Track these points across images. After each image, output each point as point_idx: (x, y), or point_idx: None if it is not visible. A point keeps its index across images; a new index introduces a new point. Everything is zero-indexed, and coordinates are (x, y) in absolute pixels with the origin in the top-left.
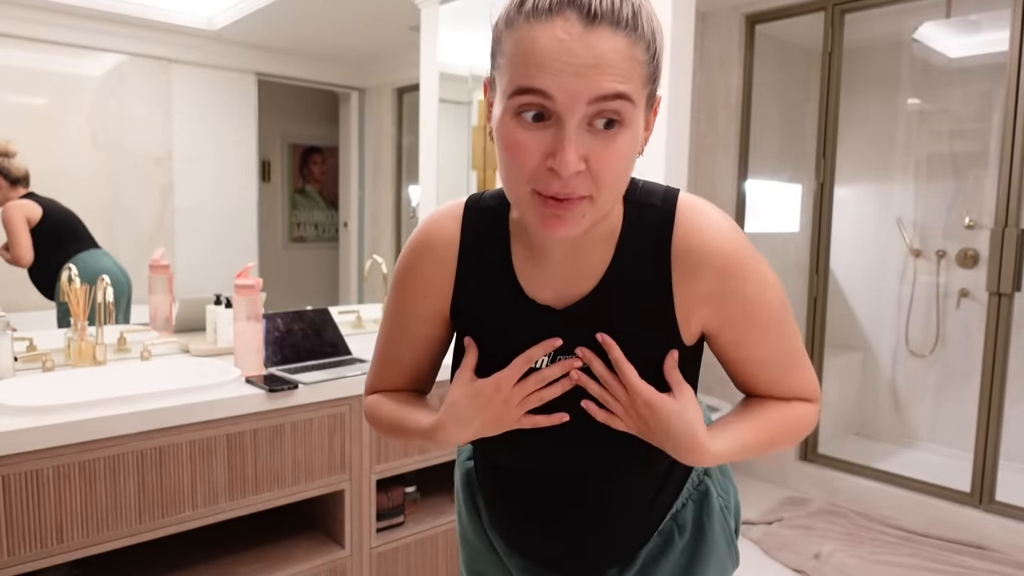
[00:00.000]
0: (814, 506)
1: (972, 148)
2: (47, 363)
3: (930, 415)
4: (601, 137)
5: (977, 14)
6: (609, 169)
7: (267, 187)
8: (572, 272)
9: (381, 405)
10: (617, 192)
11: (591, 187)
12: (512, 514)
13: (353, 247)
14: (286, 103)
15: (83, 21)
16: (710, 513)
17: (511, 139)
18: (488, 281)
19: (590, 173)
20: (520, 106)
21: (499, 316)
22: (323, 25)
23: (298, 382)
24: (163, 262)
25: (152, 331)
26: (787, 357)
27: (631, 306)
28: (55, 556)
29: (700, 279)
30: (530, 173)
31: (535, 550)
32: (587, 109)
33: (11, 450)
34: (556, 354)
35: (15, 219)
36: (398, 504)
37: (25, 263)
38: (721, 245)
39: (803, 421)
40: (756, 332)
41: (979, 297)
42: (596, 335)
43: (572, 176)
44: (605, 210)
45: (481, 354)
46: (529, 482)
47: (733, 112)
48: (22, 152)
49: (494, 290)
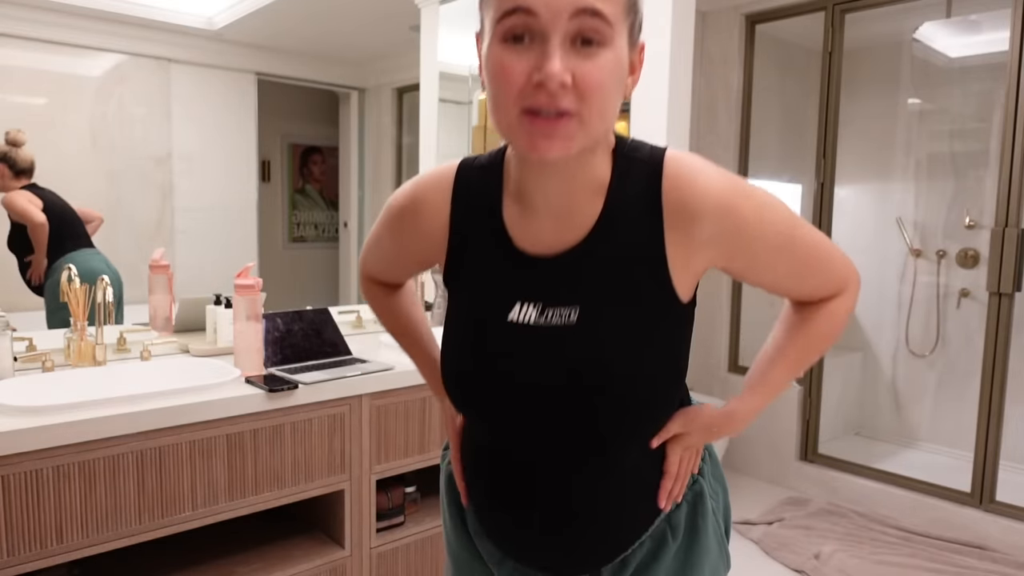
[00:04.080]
0: (814, 506)
1: (972, 148)
2: (47, 363)
3: (930, 415)
4: (584, 54)
5: (977, 14)
6: (593, 83)
7: (267, 187)
8: (562, 225)
9: (386, 314)
10: (603, 113)
11: (577, 103)
12: (502, 503)
13: (353, 247)
14: (286, 103)
15: (83, 21)
16: (704, 515)
17: (499, 63)
18: (478, 233)
19: (575, 88)
20: (506, 30)
21: (487, 267)
22: (323, 25)
23: (298, 382)
24: (163, 262)
25: (152, 331)
26: (803, 265)
27: (621, 257)
28: (55, 556)
29: (698, 226)
30: (518, 91)
31: (524, 546)
32: (568, 25)
33: (11, 450)
34: (545, 307)
35: (19, 201)
36: (398, 504)
37: (45, 225)
38: (711, 190)
39: (831, 323)
40: (764, 255)
41: (979, 297)
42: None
43: (558, 88)
44: (592, 133)
45: (466, 307)
46: (518, 469)
47: (733, 112)
48: (21, 151)
49: (484, 242)
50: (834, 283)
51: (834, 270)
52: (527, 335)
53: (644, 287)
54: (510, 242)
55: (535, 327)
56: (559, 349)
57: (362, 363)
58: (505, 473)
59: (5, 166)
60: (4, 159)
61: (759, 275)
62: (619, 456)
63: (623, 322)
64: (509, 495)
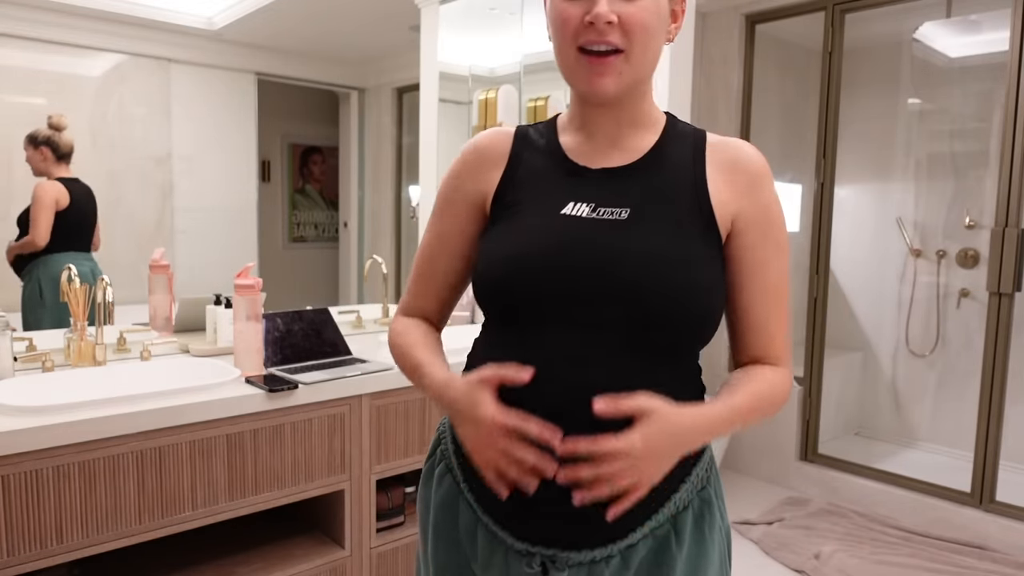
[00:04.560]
0: (814, 506)
1: (972, 148)
2: (47, 363)
3: (930, 415)
4: None
5: (977, 14)
6: (636, 22)
7: (267, 187)
8: (617, 148)
9: (407, 334)
10: (645, 48)
11: (623, 40)
12: None
13: (353, 247)
14: (286, 103)
15: (83, 21)
16: (712, 525)
17: (558, 12)
18: (535, 155)
19: (620, 27)
20: None
21: (542, 179)
22: (323, 25)
23: (298, 382)
24: (163, 262)
25: (152, 331)
26: (779, 295)
27: (668, 177)
28: (55, 556)
29: (735, 173)
30: (572, 32)
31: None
32: None
33: (11, 450)
34: (597, 206)
35: (45, 201)
36: (398, 504)
37: (39, 246)
38: (755, 156)
39: (777, 393)
40: (770, 247)
41: (979, 297)
42: (594, 403)
43: (605, 26)
44: (637, 68)
45: (516, 215)
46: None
47: (733, 112)
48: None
49: (540, 161)
50: (782, 344)
51: (783, 332)
52: (579, 225)
53: (686, 202)
54: (566, 157)
55: (587, 219)
56: (608, 238)
57: (362, 363)
58: (533, 392)
59: (48, 149)
60: (48, 143)
61: (759, 267)
62: (649, 376)
63: (668, 225)
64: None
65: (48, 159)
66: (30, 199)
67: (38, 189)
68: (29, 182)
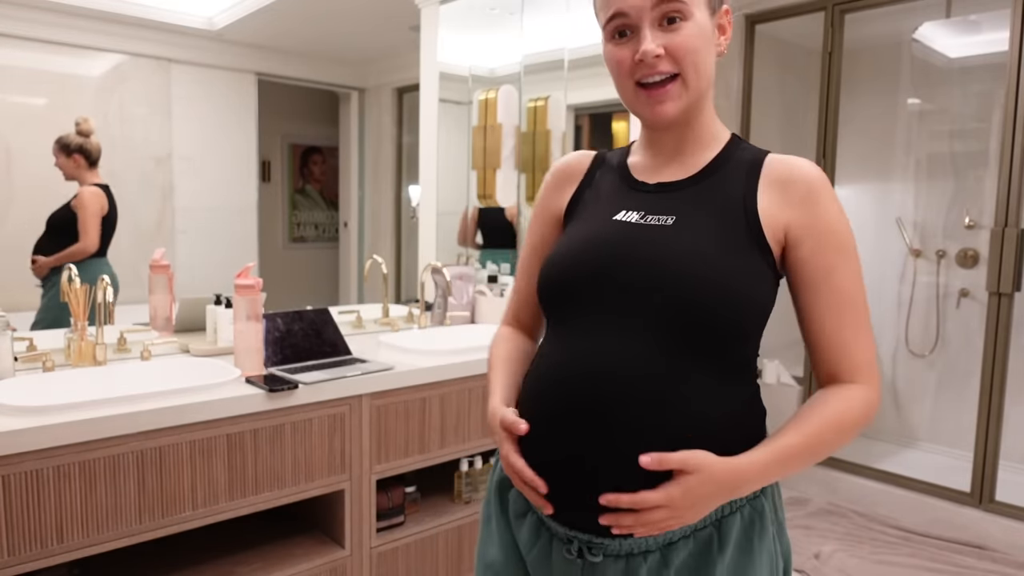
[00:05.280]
0: (814, 506)
1: (972, 148)
2: (47, 363)
3: (930, 415)
4: (670, 29)
5: (977, 14)
6: (681, 48)
7: (267, 187)
8: (677, 165)
9: (496, 347)
10: (697, 69)
11: (674, 66)
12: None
13: (353, 247)
14: (286, 103)
15: (83, 21)
16: (762, 537)
17: (611, 56)
18: (606, 175)
19: (669, 56)
20: (611, 31)
21: (606, 193)
22: (323, 25)
23: (298, 382)
24: (163, 262)
25: (152, 331)
26: (850, 302)
27: (718, 191)
28: (55, 556)
29: (787, 186)
30: (627, 71)
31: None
32: (652, 14)
33: (11, 450)
34: (647, 213)
35: (93, 208)
36: (398, 504)
37: (90, 252)
38: (810, 170)
39: (857, 417)
40: (831, 253)
41: (979, 297)
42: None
43: (653, 59)
44: (693, 89)
45: (578, 222)
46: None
47: (733, 112)
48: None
49: (609, 178)
50: (864, 357)
51: (867, 344)
52: (625, 228)
53: (732, 214)
54: (629, 174)
55: (634, 224)
56: (654, 242)
57: (362, 363)
58: (575, 385)
59: (81, 156)
60: (80, 149)
61: (822, 273)
62: (680, 374)
63: (710, 232)
64: (576, 409)
65: (81, 165)
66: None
67: (85, 196)
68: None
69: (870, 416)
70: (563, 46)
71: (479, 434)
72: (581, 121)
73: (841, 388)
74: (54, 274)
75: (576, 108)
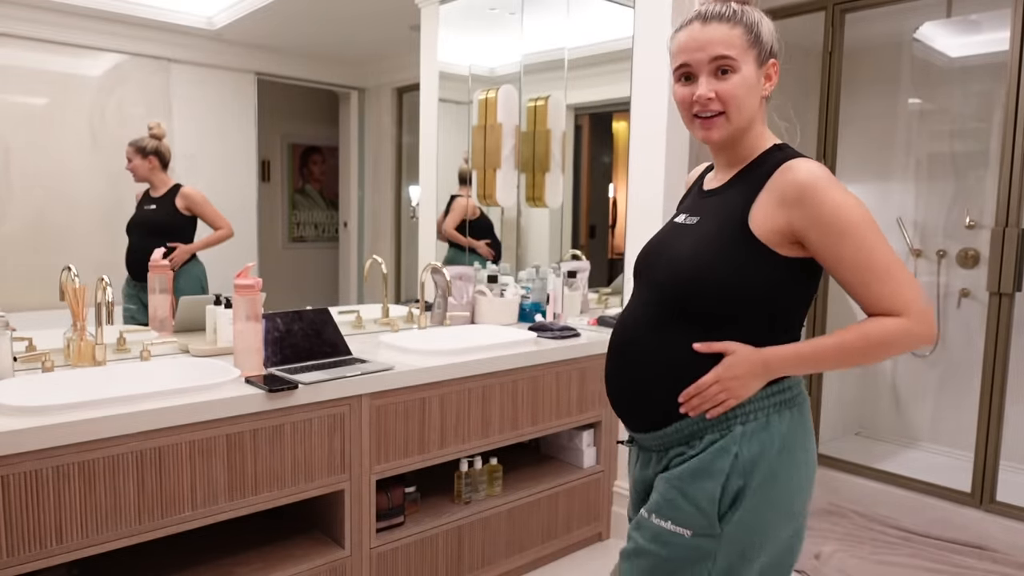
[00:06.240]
0: (814, 506)
1: (972, 148)
2: (47, 363)
3: (930, 415)
4: (722, 79)
5: (977, 14)
6: (728, 95)
7: (267, 187)
8: (724, 175)
9: None
10: (739, 110)
11: (721, 106)
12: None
13: (353, 247)
14: (286, 103)
15: (83, 21)
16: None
17: (678, 93)
18: (696, 184)
19: (719, 99)
20: (679, 75)
21: (686, 199)
22: (323, 25)
23: (298, 382)
24: (163, 262)
25: (152, 331)
26: (866, 266)
27: (730, 198)
28: (55, 556)
29: (784, 193)
30: (688, 106)
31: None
32: (709, 67)
33: (11, 450)
34: (690, 215)
35: (206, 197)
36: (398, 504)
37: (232, 234)
38: (803, 169)
39: (885, 333)
40: (834, 238)
41: (980, 297)
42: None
43: (706, 100)
44: (734, 123)
45: None
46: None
47: None
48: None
49: (695, 187)
50: (896, 300)
51: (897, 289)
52: (674, 228)
53: (732, 216)
54: (702, 184)
55: (679, 224)
56: (676, 240)
57: (362, 363)
58: (615, 333)
59: (156, 159)
60: (156, 152)
61: (834, 257)
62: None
63: (711, 232)
64: (616, 347)
65: (156, 167)
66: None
67: (194, 193)
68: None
69: (908, 342)
70: (563, 46)
71: (479, 434)
72: (581, 121)
73: (886, 318)
74: (186, 268)
75: (576, 108)
